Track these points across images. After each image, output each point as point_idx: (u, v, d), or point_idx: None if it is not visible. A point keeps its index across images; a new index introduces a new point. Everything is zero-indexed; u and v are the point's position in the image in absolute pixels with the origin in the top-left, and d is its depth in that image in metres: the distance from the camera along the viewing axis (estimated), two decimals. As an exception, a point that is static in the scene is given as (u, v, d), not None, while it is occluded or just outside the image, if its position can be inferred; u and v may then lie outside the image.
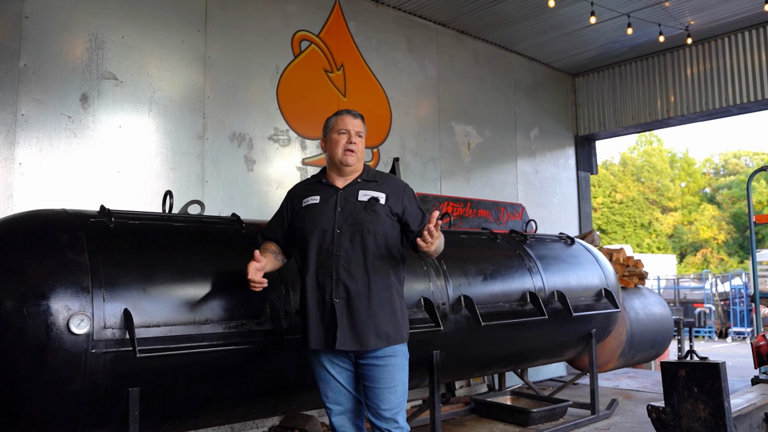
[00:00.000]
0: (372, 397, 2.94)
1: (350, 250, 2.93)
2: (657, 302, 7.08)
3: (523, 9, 7.27)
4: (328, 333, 2.91)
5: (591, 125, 9.41)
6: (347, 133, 3.08)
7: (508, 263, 5.01)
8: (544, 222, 8.16)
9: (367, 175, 3.16)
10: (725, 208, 38.06)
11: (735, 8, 7.41)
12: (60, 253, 2.88)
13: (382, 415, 2.91)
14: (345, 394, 3.01)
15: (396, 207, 3.06)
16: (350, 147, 3.06)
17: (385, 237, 3.00)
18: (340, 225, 2.96)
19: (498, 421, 5.73)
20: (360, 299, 2.89)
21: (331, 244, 2.94)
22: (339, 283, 2.90)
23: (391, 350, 2.93)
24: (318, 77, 6.29)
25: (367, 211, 2.99)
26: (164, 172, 5.13)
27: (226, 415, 3.51)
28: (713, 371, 2.49)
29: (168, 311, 3.05)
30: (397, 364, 2.95)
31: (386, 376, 2.92)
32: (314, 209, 3.04)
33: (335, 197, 3.05)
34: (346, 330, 2.87)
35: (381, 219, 3.00)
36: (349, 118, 3.13)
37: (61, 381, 2.75)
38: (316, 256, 2.96)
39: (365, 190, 3.07)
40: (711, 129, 58.67)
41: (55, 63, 4.62)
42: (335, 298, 2.89)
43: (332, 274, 2.91)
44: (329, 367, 2.99)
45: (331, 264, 2.92)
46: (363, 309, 2.89)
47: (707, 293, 19.33)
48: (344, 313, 2.88)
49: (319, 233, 2.97)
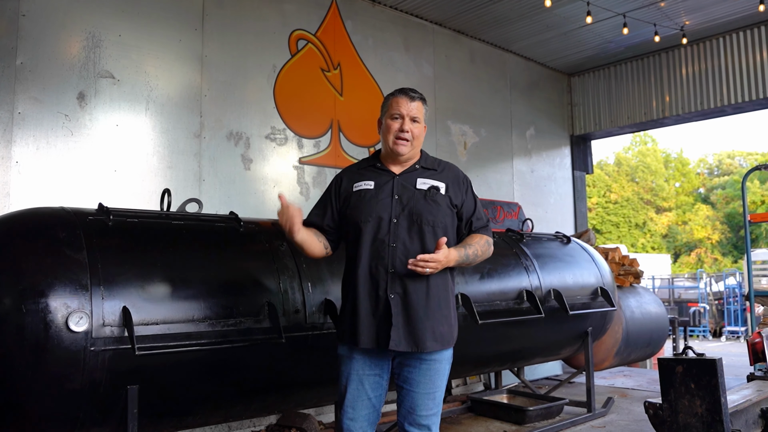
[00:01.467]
0: (408, 401, 2.72)
1: (408, 241, 2.70)
2: (652, 301, 7.11)
3: (519, 9, 7.30)
4: (380, 331, 2.66)
5: (586, 125, 9.45)
6: (401, 119, 2.78)
7: (504, 262, 5.02)
8: (540, 221, 8.19)
9: (426, 161, 2.90)
10: (719, 208, 38.21)
11: (730, 8, 7.45)
12: (59, 251, 2.87)
13: (417, 421, 2.70)
14: (366, 401, 2.75)
15: (456, 198, 2.84)
16: (402, 135, 2.76)
17: (445, 229, 2.78)
18: (398, 214, 2.72)
19: (495, 419, 5.74)
20: (418, 296, 2.67)
21: (387, 234, 2.70)
22: (395, 278, 2.66)
23: (439, 354, 2.73)
24: (315, 76, 6.29)
25: (427, 200, 2.76)
26: (161, 170, 5.12)
27: (225, 413, 3.51)
28: (710, 367, 2.51)
29: (167, 309, 3.05)
30: (440, 369, 2.74)
31: (427, 381, 2.71)
32: (368, 195, 2.78)
33: (391, 183, 2.80)
34: (401, 329, 2.64)
35: (441, 210, 2.78)
36: (404, 101, 2.79)
37: (60, 379, 2.75)
38: (371, 246, 2.71)
39: (424, 178, 2.82)
40: (705, 129, 58.99)
41: (52, 61, 4.61)
42: (390, 293, 2.65)
43: (388, 266, 2.67)
44: (361, 369, 2.74)
45: (386, 256, 2.68)
46: (421, 307, 2.67)
47: (701, 293, 19.41)
48: (400, 311, 2.65)
49: (374, 222, 2.72)
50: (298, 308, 3.54)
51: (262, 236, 3.71)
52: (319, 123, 6.27)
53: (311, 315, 3.58)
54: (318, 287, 3.66)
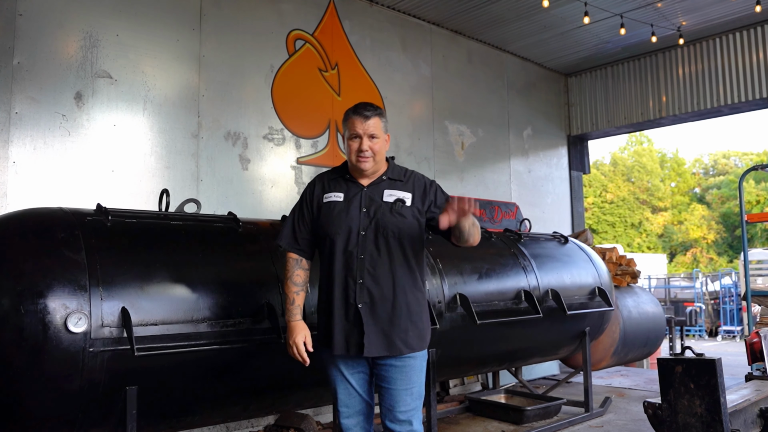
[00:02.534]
0: (387, 399, 2.85)
1: (375, 253, 2.83)
2: (649, 301, 7.12)
3: (517, 9, 7.30)
4: (350, 338, 2.82)
5: (583, 125, 9.46)
6: (359, 138, 2.88)
7: (502, 262, 5.03)
8: (537, 221, 8.19)
9: (393, 173, 3.00)
10: (715, 208, 38.31)
11: (726, 9, 7.47)
12: (57, 252, 2.87)
13: (397, 417, 2.83)
14: (357, 398, 2.92)
15: (424, 206, 2.95)
16: (362, 154, 2.87)
17: (411, 240, 2.90)
18: (365, 226, 2.85)
19: (493, 419, 5.74)
20: (384, 304, 2.81)
21: (356, 246, 2.84)
22: (363, 288, 2.81)
23: (412, 354, 2.86)
24: (312, 76, 6.29)
25: (393, 213, 2.88)
26: (159, 170, 5.11)
27: (223, 414, 3.51)
28: (709, 367, 2.51)
29: (166, 310, 3.05)
30: (415, 366, 2.87)
31: (404, 378, 2.84)
32: (338, 207, 2.91)
33: (360, 196, 2.92)
34: (372, 335, 2.78)
35: (407, 222, 2.89)
36: (359, 121, 2.89)
37: (59, 380, 2.74)
38: (342, 257, 2.85)
39: (391, 190, 2.94)
40: (701, 129, 59.10)
41: (49, 61, 4.60)
42: (359, 303, 2.80)
43: (356, 277, 2.81)
44: (344, 370, 2.90)
45: (354, 267, 2.82)
46: (387, 314, 2.81)
47: (697, 292, 19.46)
48: (369, 319, 2.79)
49: (344, 234, 2.86)
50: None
51: (261, 237, 3.71)
52: (317, 123, 6.27)
53: (310, 315, 3.56)
54: (317, 287, 3.62)
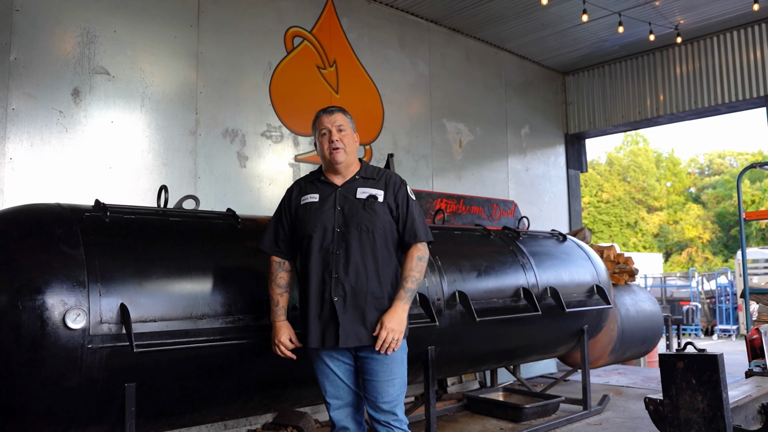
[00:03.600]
0: (371, 390, 2.95)
1: (349, 248, 2.94)
2: (647, 299, 7.12)
3: (515, 7, 7.30)
4: (326, 330, 2.92)
5: (581, 123, 9.47)
6: (328, 132, 3.06)
7: (501, 259, 5.01)
8: (535, 219, 8.19)
9: (365, 171, 3.15)
10: (710, 207, 38.39)
11: (724, 8, 7.48)
12: (55, 247, 2.84)
13: (381, 407, 2.93)
14: (344, 389, 3.02)
15: (392, 204, 3.08)
16: (334, 145, 3.03)
17: (384, 235, 3.01)
18: (340, 223, 2.98)
19: (491, 417, 5.73)
20: (359, 297, 2.91)
21: (332, 243, 2.95)
22: (338, 282, 2.92)
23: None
24: (310, 74, 6.27)
25: (366, 209, 3.00)
26: (156, 167, 5.09)
27: (222, 411, 3.49)
28: (712, 363, 2.51)
29: (165, 306, 3.02)
30: (396, 357, 2.96)
31: (385, 369, 2.93)
32: (313, 207, 3.04)
33: (334, 195, 3.05)
34: (346, 326, 2.89)
35: (380, 217, 3.01)
36: (324, 117, 3.09)
37: (57, 376, 2.72)
38: (318, 254, 2.97)
39: (364, 188, 3.07)
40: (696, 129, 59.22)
41: (46, 57, 4.57)
42: (334, 296, 2.91)
43: (332, 272, 2.92)
44: (329, 362, 3.00)
45: (331, 262, 2.93)
46: (361, 306, 2.91)
47: (693, 291, 19.50)
48: (343, 311, 2.90)
49: (320, 232, 2.98)
50: (296, 305, 3.51)
51: (261, 233, 3.68)
52: (315, 121, 6.24)
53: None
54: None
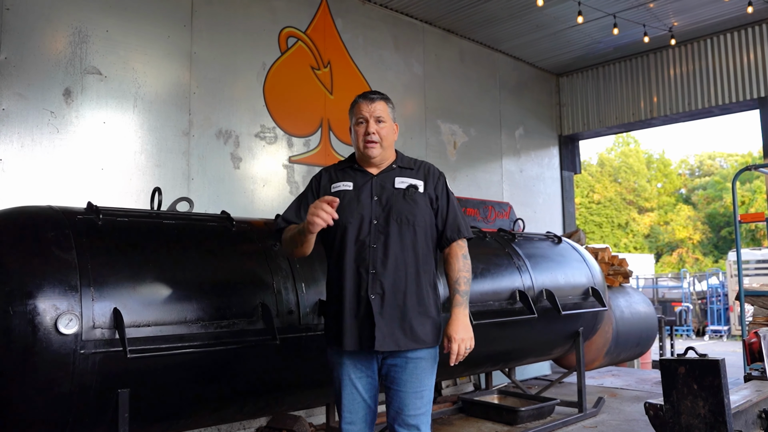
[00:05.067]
0: (396, 401, 2.69)
1: (388, 241, 2.68)
2: (641, 301, 7.13)
3: (510, 8, 7.28)
4: (363, 332, 2.65)
5: (575, 125, 9.47)
6: (365, 122, 2.77)
7: (497, 262, 4.99)
8: (529, 221, 8.18)
9: (402, 161, 2.88)
10: (700, 208, 38.59)
11: (718, 10, 7.49)
12: (47, 251, 2.79)
13: (406, 421, 2.67)
14: (361, 404, 2.73)
15: (433, 196, 2.84)
16: (370, 138, 2.75)
17: (425, 228, 2.77)
18: (378, 215, 2.72)
19: (486, 420, 5.71)
20: (396, 296, 2.66)
21: (368, 235, 2.69)
22: (375, 279, 2.65)
23: (424, 352, 2.71)
24: (305, 74, 6.22)
25: (406, 199, 2.75)
26: (149, 169, 5.03)
27: (216, 416, 3.44)
28: (713, 368, 2.49)
29: (158, 310, 2.98)
30: (427, 367, 2.72)
31: (414, 380, 2.68)
32: (348, 196, 2.75)
33: (370, 184, 2.78)
34: (383, 328, 2.62)
35: (420, 209, 2.76)
36: (365, 104, 2.78)
37: (49, 382, 2.67)
38: (353, 247, 2.69)
39: (402, 177, 2.81)
40: (687, 130, 59.53)
41: (37, 57, 4.51)
42: (371, 294, 2.64)
43: (369, 267, 2.66)
44: (351, 372, 2.71)
45: (367, 257, 2.67)
46: (399, 307, 2.65)
47: (685, 292, 19.57)
48: (380, 311, 2.63)
49: (357, 222, 2.71)
50: (292, 309, 3.49)
51: (255, 236, 3.65)
52: (309, 121, 6.21)
53: (305, 316, 3.53)
54: (312, 287, 3.60)
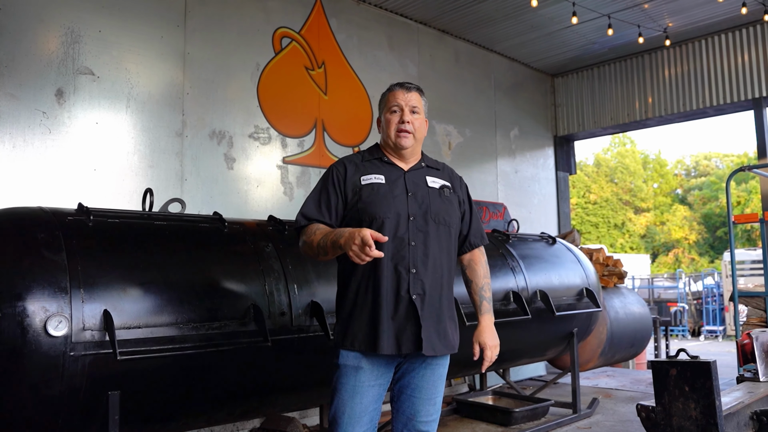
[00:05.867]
0: (409, 407, 2.61)
1: (428, 240, 2.58)
2: (636, 302, 7.13)
3: (504, 9, 7.28)
4: (403, 335, 2.50)
5: (570, 126, 9.47)
6: (399, 111, 2.65)
7: (491, 263, 4.90)
8: (524, 222, 8.18)
9: (428, 161, 2.80)
10: (696, 208, 38.67)
11: (712, 11, 7.50)
12: (36, 253, 2.78)
13: (417, 427, 2.61)
14: (368, 415, 2.55)
15: (461, 198, 2.81)
16: (404, 127, 2.63)
17: (456, 231, 2.73)
18: (414, 212, 2.59)
19: (480, 420, 5.71)
20: (433, 298, 2.56)
21: (407, 232, 2.56)
22: (416, 278, 2.53)
23: (444, 359, 2.65)
24: (299, 75, 6.21)
25: (442, 199, 2.68)
26: (142, 169, 5.01)
27: (208, 418, 3.43)
28: (705, 370, 2.48)
29: (149, 312, 2.96)
30: (442, 375, 2.67)
31: (430, 387, 2.62)
32: (382, 190, 2.60)
33: (403, 179, 2.66)
34: (430, 330, 2.51)
35: (455, 210, 2.72)
36: (400, 92, 2.66)
37: (38, 385, 2.65)
38: (391, 243, 2.52)
39: (432, 177, 2.73)
40: (683, 131, 59.66)
41: (29, 57, 4.48)
42: (413, 294, 2.51)
43: (408, 266, 2.53)
44: (367, 380, 2.53)
45: (407, 255, 2.53)
46: (436, 309, 2.56)
47: (680, 292, 19.60)
48: (424, 313, 2.51)
49: (394, 218, 2.56)
50: (284, 311, 3.48)
51: (247, 237, 3.63)
52: (303, 122, 6.19)
53: (297, 318, 3.52)
54: (304, 289, 3.59)
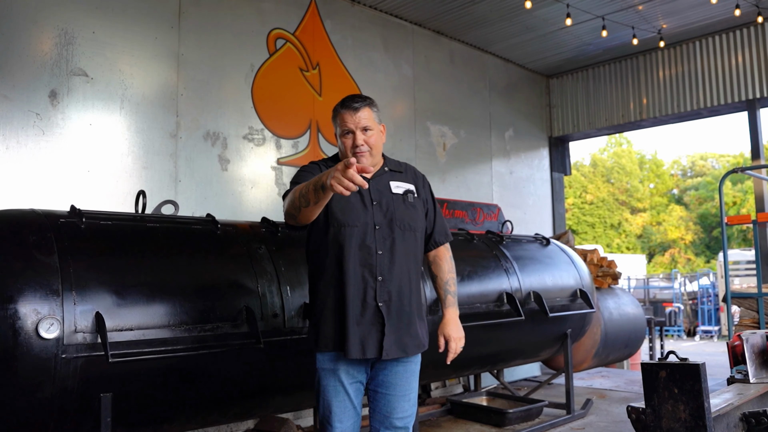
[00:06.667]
0: (385, 405, 2.71)
1: (394, 248, 2.66)
2: (630, 302, 7.15)
3: (499, 10, 7.29)
4: (367, 339, 2.60)
5: (565, 126, 9.49)
6: (351, 134, 2.68)
7: (484, 264, 5.00)
8: (519, 222, 8.19)
9: (391, 164, 2.84)
10: (692, 209, 38.75)
11: (706, 13, 7.53)
12: (28, 255, 2.78)
13: (394, 424, 2.71)
14: (351, 411, 2.69)
15: (424, 200, 2.86)
16: (358, 149, 2.67)
17: (422, 234, 2.80)
18: (380, 220, 2.68)
19: (474, 421, 5.72)
20: (402, 303, 2.67)
21: (373, 241, 2.64)
22: (383, 285, 2.63)
23: (416, 356, 2.77)
24: (293, 76, 6.22)
25: (406, 205, 2.75)
26: (136, 171, 5.02)
27: (201, 420, 3.44)
28: (694, 372, 2.50)
29: (141, 314, 2.97)
30: (415, 371, 2.78)
31: (403, 383, 2.73)
32: (346, 198, 2.61)
33: (367, 188, 2.60)
34: (392, 336, 2.62)
35: (419, 215, 2.79)
36: (348, 116, 2.68)
37: (30, 387, 2.66)
38: (357, 251, 2.63)
39: (395, 182, 2.78)
40: (679, 131, 59.80)
41: (22, 58, 4.48)
42: (379, 302, 2.62)
43: (376, 274, 2.63)
44: (344, 379, 2.66)
45: (374, 263, 2.63)
46: (405, 313, 2.67)
47: (676, 293, 19.65)
48: (389, 319, 2.62)
49: (361, 227, 2.65)
50: (277, 312, 3.49)
51: (240, 239, 3.64)
52: (298, 123, 6.20)
53: (290, 319, 3.53)
54: (297, 290, 3.60)
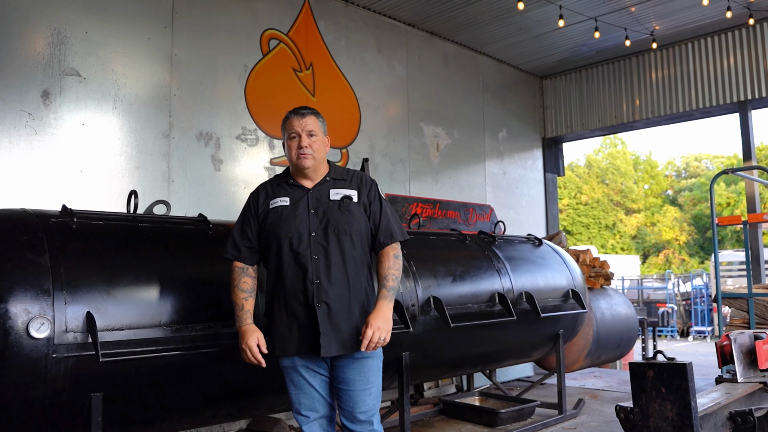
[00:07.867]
0: (347, 400, 2.86)
1: (329, 253, 2.84)
2: (622, 303, 7.18)
3: (493, 11, 7.32)
4: (307, 339, 2.81)
5: (558, 127, 9.52)
6: (297, 136, 2.92)
7: (477, 264, 5.01)
8: (512, 223, 8.22)
9: (335, 173, 3.04)
10: (687, 209, 38.91)
11: (698, 14, 7.57)
12: (19, 255, 2.78)
13: (358, 418, 2.85)
14: (320, 401, 2.91)
15: (367, 204, 3.00)
16: (303, 151, 2.90)
17: (361, 236, 2.93)
18: (315, 227, 2.87)
19: (466, 421, 5.73)
20: (341, 303, 2.83)
21: (308, 248, 2.84)
22: (320, 288, 2.81)
23: (373, 352, 2.89)
24: (287, 76, 6.23)
25: (341, 210, 2.91)
26: (129, 171, 5.02)
27: (193, 420, 3.44)
28: (681, 372, 2.52)
29: (133, 314, 2.97)
30: (372, 365, 2.90)
31: (362, 378, 2.86)
32: (285, 211, 2.91)
33: (306, 198, 2.93)
34: (328, 335, 2.78)
35: (356, 218, 2.92)
36: (296, 120, 2.94)
37: (20, 387, 2.66)
38: (294, 260, 2.84)
39: (336, 189, 2.97)
40: (673, 132, 60.02)
41: (14, 58, 4.48)
42: (317, 303, 2.80)
43: (312, 278, 2.81)
44: (305, 373, 2.88)
45: (310, 268, 2.82)
46: (344, 313, 2.83)
47: (669, 293, 19.73)
48: (326, 319, 2.79)
49: (295, 237, 2.85)
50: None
51: (232, 239, 3.64)
52: (291, 124, 6.20)
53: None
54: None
